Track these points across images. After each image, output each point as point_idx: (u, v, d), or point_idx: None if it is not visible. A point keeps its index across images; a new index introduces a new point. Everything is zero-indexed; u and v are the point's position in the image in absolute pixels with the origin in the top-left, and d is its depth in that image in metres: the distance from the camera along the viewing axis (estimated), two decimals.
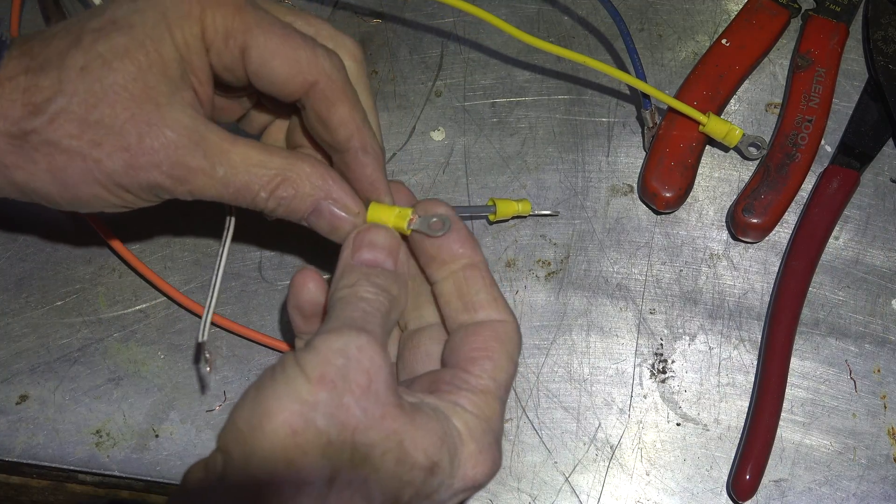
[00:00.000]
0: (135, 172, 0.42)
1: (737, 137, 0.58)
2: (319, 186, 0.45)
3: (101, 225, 0.57)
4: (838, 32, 0.60)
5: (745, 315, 0.57)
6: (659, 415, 0.55)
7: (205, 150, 0.43)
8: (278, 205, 0.45)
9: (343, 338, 0.38)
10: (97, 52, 0.41)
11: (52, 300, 0.57)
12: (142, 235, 0.58)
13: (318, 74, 0.44)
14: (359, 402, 0.37)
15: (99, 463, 0.54)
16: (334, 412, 0.36)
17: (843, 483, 0.53)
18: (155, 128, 0.42)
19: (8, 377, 0.55)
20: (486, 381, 0.42)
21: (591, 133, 0.61)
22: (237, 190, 0.44)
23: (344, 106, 0.45)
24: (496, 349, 0.43)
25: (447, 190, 0.60)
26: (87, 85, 0.41)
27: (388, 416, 0.38)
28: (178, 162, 0.43)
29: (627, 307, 0.57)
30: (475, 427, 0.41)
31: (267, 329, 0.56)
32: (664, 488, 0.54)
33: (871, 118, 0.60)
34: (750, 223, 0.57)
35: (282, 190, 0.45)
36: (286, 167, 0.45)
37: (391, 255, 0.44)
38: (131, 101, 0.41)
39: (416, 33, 0.64)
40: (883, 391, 0.55)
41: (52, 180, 0.43)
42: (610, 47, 0.63)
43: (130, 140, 0.42)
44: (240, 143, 0.44)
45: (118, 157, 0.42)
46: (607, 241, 0.59)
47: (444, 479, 0.39)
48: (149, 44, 0.42)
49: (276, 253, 0.58)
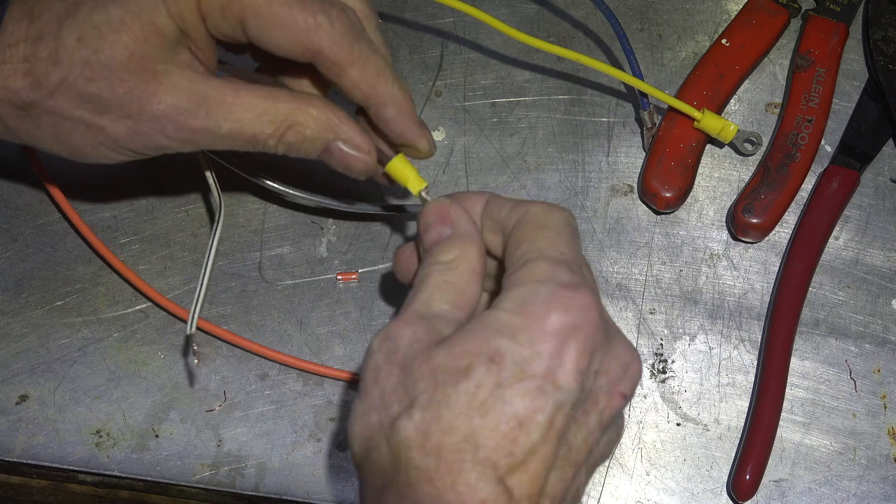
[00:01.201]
0: (139, 138, 0.43)
1: (732, 133, 0.58)
2: (326, 128, 0.45)
3: (90, 233, 0.57)
4: (838, 32, 0.60)
5: (745, 315, 0.57)
6: (659, 415, 0.55)
7: (207, 110, 0.43)
8: (288, 149, 0.45)
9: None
10: (93, 23, 0.41)
11: (52, 300, 0.57)
12: (142, 235, 0.58)
13: (321, 42, 0.43)
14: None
15: (99, 463, 0.54)
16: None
17: (843, 483, 0.53)
18: (154, 96, 0.42)
19: (8, 377, 0.55)
20: (530, 265, 0.39)
21: (591, 133, 0.61)
22: (245, 142, 0.44)
23: (354, 69, 0.44)
24: (528, 235, 0.40)
25: (447, 190, 0.60)
26: (84, 57, 0.41)
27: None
28: (182, 126, 0.43)
29: (627, 307, 0.57)
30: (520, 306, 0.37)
31: (267, 329, 0.56)
32: (664, 488, 0.54)
33: (871, 118, 0.60)
34: (750, 223, 0.57)
35: (289, 136, 0.44)
36: (291, 113, 0.44)
37: (469, 223, 0.43)
38: (128, 74, 0.41)
39: (416, 33, 0.64)
40: (883, 391, 0.55)
41: (58, 143, 0.43)
42: (610, 47, 0.63)
43: (131, 110, 0.42)
44: (242, 94, 0.43)
45: (121, 124, 0.42)
46: (607, 241, 0.59)
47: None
48: (144, 16, 0.41)
49: (276, 253, 0.58)
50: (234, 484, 0.53)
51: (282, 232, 0.59)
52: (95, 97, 0.41)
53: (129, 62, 0.41)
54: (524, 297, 0.37)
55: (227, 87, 0.43)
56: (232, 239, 0.58)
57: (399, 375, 0.37)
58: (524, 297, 0.37)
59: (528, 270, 0.38)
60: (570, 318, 0.36)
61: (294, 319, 0.57)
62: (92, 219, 0.58)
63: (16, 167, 0.60)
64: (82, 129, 0.42)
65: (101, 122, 0.42)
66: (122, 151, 0.44)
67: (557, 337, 0.36)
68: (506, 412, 0.35)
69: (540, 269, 0.38)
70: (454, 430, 0.35)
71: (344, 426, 0.55)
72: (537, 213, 0.41)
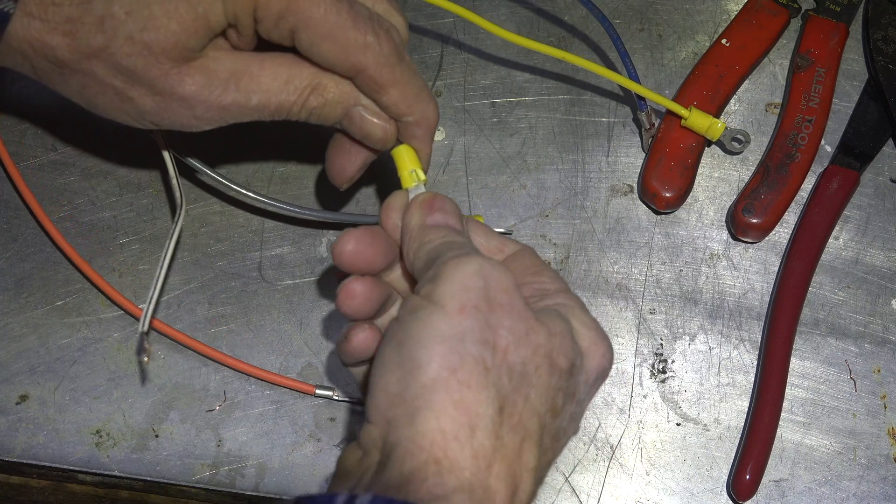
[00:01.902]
0: (167, 114, 0.43)
1: (719, 131, 0.57)
2: (348, 93, 0.45)
3: (67, 244, 0.57)
4: (838, 32, 0.60)
5: (745, 315, 0.57)
6: (659, 415, 0.55)
7: (236, 84, 0.43)
8: (310, 114, 0.45)
9: (474, 260, 0.37)
10: (147, 2, 0.41)
11: (52, 300, 0.57)
12: (142, 235, 0.58)
13: (367, 61, 0.43)
14: (503, 321, 0.37)
15: (99, 463, 0.54)
16: (483, 336, 0.36)
17: (843, 483, 0.53)
18: (188, 77, 0.42)
19: (8, 377, 0.55)
20: (560, 283, 0.42)
21: (591, 133, 0.61)
22: (272, 112, 0.45)
23: (395, 89, 0.45)
24: (541, 264, 0.43)
25: (447, 190, 0.60)
26: (129, 31, 0.41)
27: (531, 329, 0.37)
28: (213, 104, 0.43)
29: (627, 307, 0.57)
30: (584, 318, 0.41)
31: (267, 329, 0.56)
32: (664, 488, 0.54)
33: (871, 118, 0.60)
34: (750, 223, 0.57)
35: (312, 99, 0.45)
36: (315, 76, 0.45)
37: (459, 220, 0.44)
38: (166, 60, 0.42)
39: (416, 33, 0.64)
40: (883, 391, 0.55)
41: (83, 99, 0.44)
42: (609, 47, 0.63)
43: (163, 88, 0.42)
44: (267, 63, 0.44)
45: (150, 100, 0.43)
46: (607, 241, 0.59)
47: (580, 375, 0.39)
48: (199, 7, 0.41)
49: (276, 253, 0.58)
50: (234, 484, 0.53)
51: (282, 232, 0.59)
52: (130, 71, 0.42)
53: (172, 49, 0.41)
54: (589, 317, 0.41)
55: (252, 58, 0.44)
56: (232, 239, 0.58)
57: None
58: (589, 318, 0.41)
59: (570, 294, 0.43)
60: (611, 365, 0.41)
61: (294, 319, 0.57)
62: (92, 219, 0.58)
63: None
64: (110, 95, 0.43)
65: (131, 94, 0.42)
66: (144, 122, 0.44)
67: (603, 378, 0.41)
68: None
69: (579, 300, 0.42)
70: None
71: (344, 426, 0.55)
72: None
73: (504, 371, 0.36)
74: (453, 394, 0.35)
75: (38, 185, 0.59)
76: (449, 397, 0.35)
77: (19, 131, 0.60)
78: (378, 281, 0.44)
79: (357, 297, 0.42)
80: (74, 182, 0.59)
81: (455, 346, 0.35)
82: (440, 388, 0.35)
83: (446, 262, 0.38)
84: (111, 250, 0.58)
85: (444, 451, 0.34)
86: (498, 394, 0.36)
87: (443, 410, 0.35)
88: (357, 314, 0.43)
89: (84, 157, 0.60)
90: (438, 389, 0.35)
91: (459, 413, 0.35)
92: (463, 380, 0.35)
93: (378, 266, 0.43)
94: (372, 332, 0.43)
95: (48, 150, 0.60)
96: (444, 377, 0.35)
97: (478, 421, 0.35)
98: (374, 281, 0.43)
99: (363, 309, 0.43)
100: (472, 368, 0.35)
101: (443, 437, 0.34)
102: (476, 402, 0.35)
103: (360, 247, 0.42)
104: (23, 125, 0.60)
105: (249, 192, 0.54)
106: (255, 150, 0.60)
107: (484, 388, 0.35)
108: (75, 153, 0.60)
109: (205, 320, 0.56)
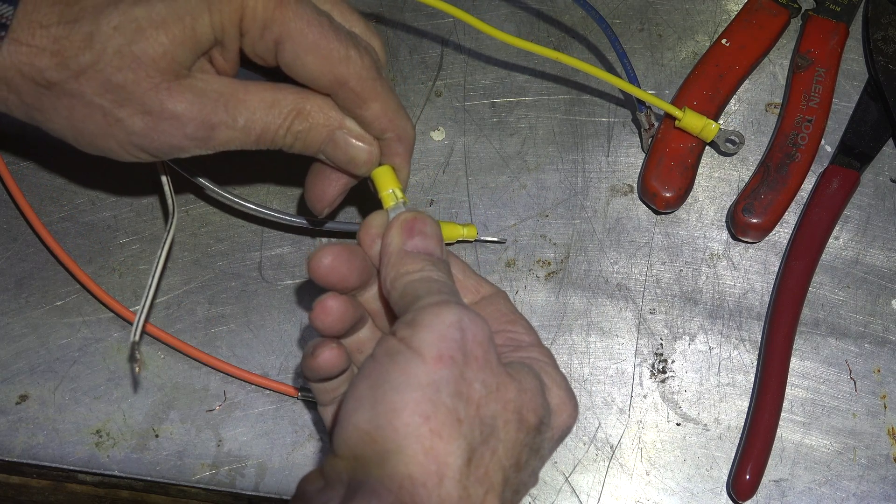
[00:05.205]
0: (156, 135, 0.43)
1: (713, 132, 0.57)
2: (333, 116, 0.46)
3: (61, 250, 0.57)
4: (838, 32, 0.60)
5: (745, 315, 0.57)
6: (659, 415, 0.55)
7: (225, 105, 0.44)
8: (295, 139, 0.46)
9: (453, 311, 0.38)
10: (133, 16, 0.41)
11: (52, 300, 0.57)
12: (142, 235, 0.58)
13: (349, 73, 0.44)
14: (477, 374, 0.37)
15: (99, 463, 0.54)
16: (458, 388, 0.36)
17: (843, 483, 0.53)
18: (178, 94, 0.42)
19: (8, 377, 0.55)
20: (533, 335, 0.43)
21: (591, 133, 0.61)
22: (259, 135, 0.45)
23: (376, 103, 0.45)
24: (516, 312, 0.44)
25: (447, 190, 0.60)
26: (118, 45, 0.41)
27: (502, 385, 0.38)
28: (203, 123, 0.43)
29: (627, 307, 0.57)
30: (555, 376, 0.41)
31: (267, 329, 0.56)
32: (664, 488, 0.54)
33: (871, 118, 0.60)
34: (750, 223, 0.57)
35: (297, 124, 0.45)
36: (299, 101, 0.45)
37: (440, 245, 0.44)
38: (156, 73, 0.42)
39: (416, 33, 0.64)
40: (883, 391, 0.55)
41: (70, 128, 0.44)
42: (609, 48, 0.63)
43: (153, 106, 0.42)
44: (252, 89, 0.45)
45: (139, 119, 0.43)
46: (607, 241, 0.59)
47: (546, 432, 0.40)
48: (187, 19, 0.42)
49: (276, 253, 0.58)
50: (234, 484, 0.53)
51: (282, 232, 0.59)
52: (120, 88, 0.42)
53: (161, 60, 0.42)
54: (559, 375, 0.42)
55: (237, 83, 0.44)
56: (232, 239, 0.58)
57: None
58: (559, 376, 0.42)
59: (543, 348, 0.44)
60: (574, 423, 0.42)
61: (294, 319, 0.57)
62: (92, 219, 0.58)
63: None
64: (98, 118, 0.43)
65: (120, 114, 0.42)
66: (132, 149, 0.44)
67: (565, 436, 0.43)
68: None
69: (551, 355, 0.43)
70: None
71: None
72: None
73: (476, 423, 0.36)
74: (425, 441, 0.35)
75: (39, 184, 0.59)
76: (420, 444, 0.35)
77: (19, 130, 0.60)
78: (353, 301, 0.44)
79: (331, 315, 0.43)
80: (74, 182, 0.59)
81: (430, 394, 0.36)
82: (412, 434, 0.35)
83: (425, 309, 0.38)
84: (111, 250, 0.58)
85: (411, 497, 0.35)
86: (468, 445, 0.36)
87: (413, 457, 0.35)
88: (329, 331, 0.44)
89: (84, 157, 0.60)
90: (411, 435, 0.35)
91: (429, 461, 0.35)
92: (435, 429, 0.36)
93: (351, 284, 0.44)
94: (339, 351, 0.44)
95: (48, 150, 0.60)
96: (416, 423, 0.35)
97: (446, 470, 0.35)
98: (349, 301, 0.44)
99: (336, 327, 0.43)
100: (445, 419, 0.36)
101: (411, 483, 0.35)
102: (446, 451, 0.35)
103: (335, 263, 0.43)
104: (23, 124, 0.60)
105: (245, 202, 0.55)
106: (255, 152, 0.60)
107: (455, 438, 0.36)
108: (75, 153, 0.60)
109: (205, 320, 0.56)
